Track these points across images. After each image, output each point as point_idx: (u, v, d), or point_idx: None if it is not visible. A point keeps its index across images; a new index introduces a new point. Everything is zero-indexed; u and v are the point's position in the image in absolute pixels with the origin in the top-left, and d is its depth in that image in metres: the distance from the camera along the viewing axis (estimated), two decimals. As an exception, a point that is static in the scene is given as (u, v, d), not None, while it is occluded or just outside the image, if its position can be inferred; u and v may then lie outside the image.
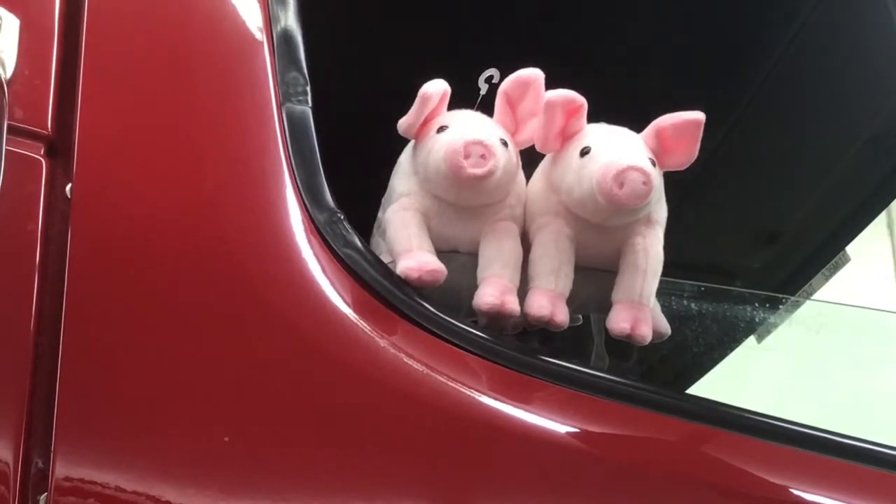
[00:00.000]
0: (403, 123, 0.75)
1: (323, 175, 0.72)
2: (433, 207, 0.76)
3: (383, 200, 0.80)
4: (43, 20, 0.73)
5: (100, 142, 0.71)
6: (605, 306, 0.76)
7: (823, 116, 1.28)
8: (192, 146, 0.72)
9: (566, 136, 0.75)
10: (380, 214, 0.80)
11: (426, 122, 0.75)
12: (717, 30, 1.19)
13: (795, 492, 0.67)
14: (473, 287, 0.75)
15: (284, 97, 0.74)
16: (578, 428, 0.67)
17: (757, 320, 1.17)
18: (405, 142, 0.79)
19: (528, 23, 1.19)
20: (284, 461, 0.64)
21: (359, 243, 0.70)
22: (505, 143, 0.74)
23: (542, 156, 0.78)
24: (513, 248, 0.76)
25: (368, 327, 0.67)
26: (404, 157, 0.79)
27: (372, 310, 0.69)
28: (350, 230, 0.71)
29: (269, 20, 0.76)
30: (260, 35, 0.76)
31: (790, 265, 1.37)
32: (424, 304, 0.70)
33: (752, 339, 1.24)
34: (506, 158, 0.73)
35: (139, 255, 0.68)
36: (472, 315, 0.75)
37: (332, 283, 0.68)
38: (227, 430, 0.64)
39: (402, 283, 0.71)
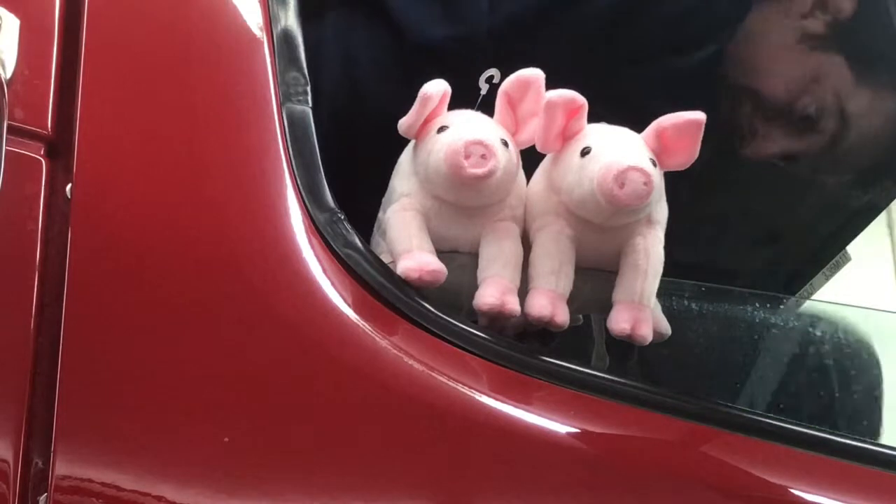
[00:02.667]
0: (404, 123, 0.75)
1: (323, 175, 0.72)
2: (433, 208, 0.76)
3: (383, 201, 0.80)
4: (43, 20, 0.73)
5: (100, 142, 0.71)
6: (606, 306, 0.76)
7: None
8: (193, 146, 0.72)
9: (566, 137, 0.75)
10: (380, 215, 0.80)
11: (426, 122, 0.75)
12: None
13: (795, 492, 0.67)
14: (474, 287, 0.75)
15: (284, 97, 0.74)
16: (578, 428, 0.67)
17: (757, 320, 1.17)
18: (405, 142, 0.79)
19: None
20: (284, 461, 0.64)
21: (359, 243, 0.70)
22: (505, 144, 0.73)
23: (542, 156, 0.78)
24: (513, 248, 0.76)
25: (368, 327, 0.67)
26: (404, 158, 0.79)
27: (372, 310, 0.69)
28: (350, 230, 0.71)
29: (269, 20, 0.76)
30: (260, 35, 0.76)
31: (790, 265, 1.37)
32: (425, 304, 0.69)
33: (752, 339, 1.24)
34: (506, 158, 0.73)
35: (139, 255, 0.68)
36: (472, 315, 0.75)
37: (333, 283, 0.68)
38: (227, 430, 0.64)
39: (403, 283, 0.71)
